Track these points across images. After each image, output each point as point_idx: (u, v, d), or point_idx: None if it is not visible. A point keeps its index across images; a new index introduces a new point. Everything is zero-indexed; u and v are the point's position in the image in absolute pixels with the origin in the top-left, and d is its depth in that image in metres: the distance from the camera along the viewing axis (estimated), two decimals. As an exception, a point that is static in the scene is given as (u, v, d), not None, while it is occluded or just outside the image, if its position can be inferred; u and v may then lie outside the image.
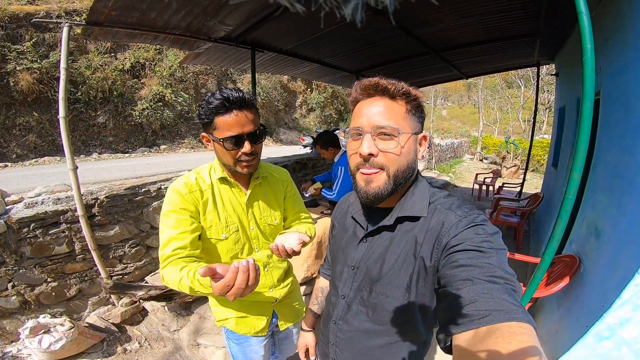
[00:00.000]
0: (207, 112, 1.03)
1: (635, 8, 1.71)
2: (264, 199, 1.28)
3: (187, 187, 1.10)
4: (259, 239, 1.27)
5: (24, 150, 9.06)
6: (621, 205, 1.67)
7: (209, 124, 1.04)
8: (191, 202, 1.09)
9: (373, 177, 0.72)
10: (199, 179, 1.15)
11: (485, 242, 0.62)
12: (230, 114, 1.01)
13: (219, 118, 1.02)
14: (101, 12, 2.26)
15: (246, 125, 1.04)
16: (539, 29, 3.31)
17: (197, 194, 1.12)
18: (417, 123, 0.76)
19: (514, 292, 0.54)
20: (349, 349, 0.87)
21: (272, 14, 2.72)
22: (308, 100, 19.05)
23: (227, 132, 1.02)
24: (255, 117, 1.08)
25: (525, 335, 0.44)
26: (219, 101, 1.00)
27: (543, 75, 15.51)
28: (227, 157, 1.08)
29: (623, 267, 1.47)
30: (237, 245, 1.21)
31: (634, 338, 1.45)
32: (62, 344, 2.08)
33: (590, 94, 1.26)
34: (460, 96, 41.86)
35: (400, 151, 0.70)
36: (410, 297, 0.74)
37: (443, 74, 5.74)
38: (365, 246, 0.83)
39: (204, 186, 1.15)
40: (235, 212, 1.20)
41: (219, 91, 1.03)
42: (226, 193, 1.19)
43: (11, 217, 2.20)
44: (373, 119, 0.70)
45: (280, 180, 1.37)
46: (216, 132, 1.04)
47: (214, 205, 1.15)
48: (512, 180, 10.32)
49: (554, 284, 2.02)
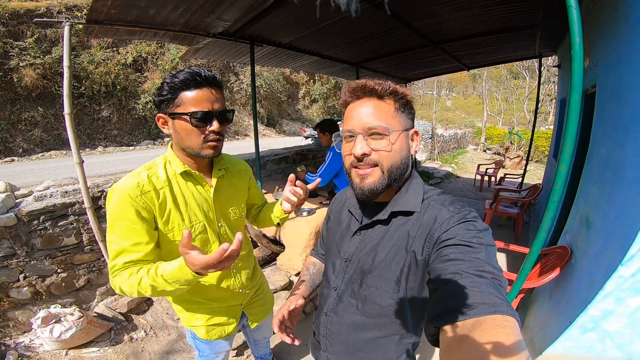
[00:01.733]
0: (171, 87, 0.93)
1: (628, 2, 1.71)
2: (229, 192, 1.19)
3: (138, 189, 0.95)
4: (228, 235, 1.17)
5: (30, 144, 9.18)
6: (611, 198, 1.69)
7: (171, 100, 0.94)
8: (144, 206, 0.95)
9: (368, 174, 0.74)
10: (151, 176, 1.00)
11: (475, 237, 0.64)
12: (201, 89, 0.94)
13: (186, 93, 0.93)
14: (101, 11, 2.30)
15: (216, 102, 0.97)
16: (538, 21, 3.28)
17: (152, 194, 0.97)
18: (407, 120, 0.77)
19: (500, 286, 0.56)
20: (339, 341, 0.88)
21: (269, 8, 2.73)
22: (311, 92, 18.92)
23: (195, 107, 0.93)
24: (224, 99, 1.02)
25: (509, 328, 0.46)
26: (188, 75, 0.93)
27: (549, 67, 15.24)
28: (192, 137, 0.97)
29: (609, 259, 1.50)
30: (204, 245, 1.11)
31: (617, 331, 1.49)
32: (72, 332, 2.17)
33: (578, 87, 1.28)
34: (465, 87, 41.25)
35: (392, 148, 0.72)
36: (400, 290, 0.76)
37: (445, 66, 5.69)
38: (359, 239, 0.84)
39: (159, 184, 1.00)
40: (200, 209, 1.08)
41: (189, 68, 0.96)
42: (188, 189, 1.06)
43: (21, 210, 2.28)
44: (363, 120, 0.73)
45: (243, 170, 1.30)
46: (180, 108, 0.94)
47: (174, 205, 1.02)
48: (515, 171, 10.27)
49: (545, 275, 2.06)
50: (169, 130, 1.00)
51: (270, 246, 3.26)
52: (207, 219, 1.10)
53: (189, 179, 1.07)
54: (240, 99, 15.18)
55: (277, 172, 5.10)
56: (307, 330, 2.47)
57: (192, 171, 1.06)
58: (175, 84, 0.93)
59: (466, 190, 7.49)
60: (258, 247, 3.48)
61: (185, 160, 1.06)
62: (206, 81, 0.95)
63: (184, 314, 1.23)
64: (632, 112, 1.59)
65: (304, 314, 2.70)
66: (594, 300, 1.48)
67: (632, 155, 1.53)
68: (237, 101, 15.13)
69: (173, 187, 1.03)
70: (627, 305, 1.41)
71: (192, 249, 0.78)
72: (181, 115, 0.94)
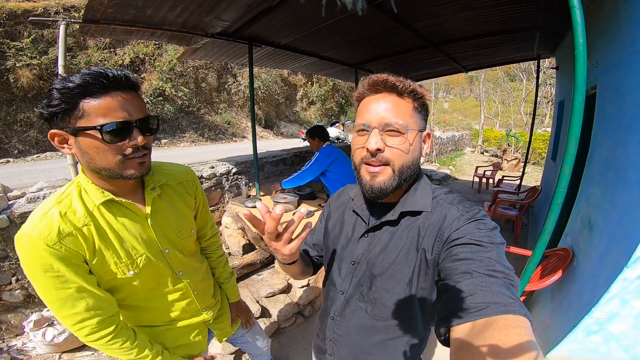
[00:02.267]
0: (65, 95, 0.71)
1: (630, 3, 1.71)
2: (170, 211, 0.99)
3: (52, 231, 0.75)
4: (180, 259, 1.01)
5: (26, 146, 9.10)
6: (613, 199, 1.68)
7: (68, 112, 0.72)
8: (67, 253, 0.76)
9: (378, 172, 0.72)
10: (67, 214, 0.79)
11: (485, 236, 0.63)
12: (110, 95, 0.73)
13: (89, 101, 0.72)
14: (97, 10, 2.27)
15: (134, 110, 0.77)
16: (537, 22, 3.29)
17: (73, 237, 0.77)
18: (422, 121, 0.76)
19: (512, 286, 0.55)
20: (346, 345, 0.86)
21: (269, 8, 2.71)
22: (309, 94, 18.96)
23: (105, 119, 0.73)
24: (143, 103, 0.81)
25: (521, 328, 0.45)
26: (88, 76, 0.71)
27: (545, 69, 15.36)
28: (106, 156, 0.76)
29: (613, 261, 1.49)
30: (154, 276, 0.96)
31: (622, 333, 1.48)
32: (66, 336, 2.14)
33: (581, 88, 1.27)
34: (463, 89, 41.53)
35: (408, 148, 0.71)
36: (412, 291, 0.75)
37: (443, 67, 5.71)
38: (367, 241, 0.82)
39: (80, 221, 0.79)
40: (138, 240, 0.89)
41: (88, 68, 0.73)
42: (118, 221, 0.86)
43: (14, 211, 2.24)
44: (381, 114, 0.70)
45: (186, 182, 1.07)
46: (83, 121, 0.72)
47: (104, 243, 0.83)
48: (512, 173, 10.29)
49: (547, 277, 2.04)
50: (70, 150, 0.78)
51: (268, 249, 3.22)
52: (151, 249, 0.92)
53: (116, 209, 0.86)
54: (238, 100, 15.18)
55: (275, 174, 5.07)
56: (306, 334, 2.45)
57: (116, 199, 0.84)
58: (70, 90, 0.70)
59: (464, 193, 7.49)
60: (256, 250, 3.45)
61: (104, 186, 0.84)
62: (117, 83, 0.74)
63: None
64: (634, 113, 1.58)
65: (302, 316, 2.67)
66: (598, 302, 1.47)
67: (634, 156, 1.53)
68: (235, 103, 15.12)
69: (99, 222, 0.83)
70: (632, 307, 1.41)
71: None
72: (86, 129, 0.73)
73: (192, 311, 1.10)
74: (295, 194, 3.58)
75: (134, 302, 0.97)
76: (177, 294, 1.03)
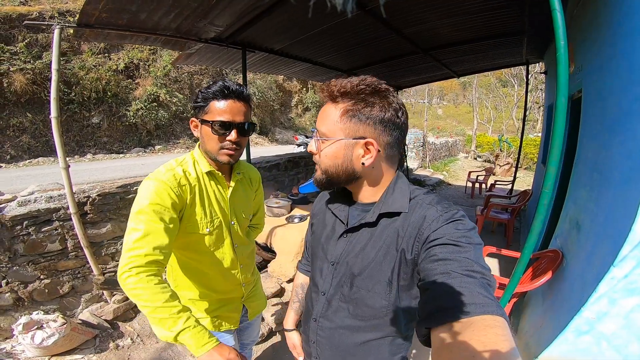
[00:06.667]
0: (204, 96, 1.06)
1: (610, 7, 1.76)
2: (242, 194, 1.30)
3: (175, 180, 1.05)
4: (238, 233, 1.27)
5: (18, 151, 9.01)
6: (599, 200, 1.71)
7: (203, 107, 1.06)
8: (178, 197, 1.04)
9: (316, 170, 0.82)
10: (186, 172, 1.11)
11: (463, 237, 0.64)
12: (226, 101, 1.05)
13: (214, 103, 1.05)
14: (91, 15, 2.29)
15: (237, 115, 1.06)
16: (524, 27, 3.37)
17: (186, 188, 1.08)
18: (360, 126, 0.71)
19: (489, 286, 0.56)
20: (330, 346, 0.86)
21: (262, 13, 2.75)
22: (304, 100, 19.05)
23: (218, 117, 1.04)
24: (248, 111, 1.11)
25: (498, 328, 0.47)
26: (218, 87, 1.04)
27: (537, 74, 15.62)
28: (212, 142, 1.08)
29: (600, 260, 1.50)
30: (219, 240, 1.21)
31: (612, 333, 1.47)
32: (55, 339, 2.10)
33: (564, 89, 1.30)
34: (456, 95, 42.02)
35: (326, 154, 0.76)
36: (392, 291, 0.75)
37: (435, 73, 5.79)
38: (345, 241, 0.82)
39: (192, 180, 1.11)
40: (219, 206, 1.19)
41: (222, 80, 1.07)
42: (211, 187, 1.17)
43: (4, 215, 2.22)
44: (318, 121, 0.78)
45: (254, 178, 1.41)
46: (207, 116, 1.06)
47: (200, 200, 1.13)
48: (505, 177, 10.40)
49: (537, 279, 2.06)
50: (197, 133, 1.13)
51: (261, 253, 3.21)
52: (224, 216, 1.21)
53: (212, 179, 1.18)
54: (233, 106, 15.14)
55: (269, 179, 5.07)
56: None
57: (215, 172, 1.17)
58: (207, 94, 1.05)
59: (457, 198, 7.55)
60: (249, 254, 3.43)
61: (210, 162, 1.17)
62: (233, 94, 1.05)
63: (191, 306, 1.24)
64: (616, 115, 1.62)
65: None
66: (587, 302, 1.47)
67: (617, 157, 1.56)
68: (230, 108, 15.08)
69: (201, 184, 1.14)
70: (621, 306, 1.40)
71: None
72: (207, 122, 1.06)
73: (235, 282, 1.30)
74: (289, 198, 3.59)
75: (198, 264, 1.20)
76: (230, 262, 1.25)
